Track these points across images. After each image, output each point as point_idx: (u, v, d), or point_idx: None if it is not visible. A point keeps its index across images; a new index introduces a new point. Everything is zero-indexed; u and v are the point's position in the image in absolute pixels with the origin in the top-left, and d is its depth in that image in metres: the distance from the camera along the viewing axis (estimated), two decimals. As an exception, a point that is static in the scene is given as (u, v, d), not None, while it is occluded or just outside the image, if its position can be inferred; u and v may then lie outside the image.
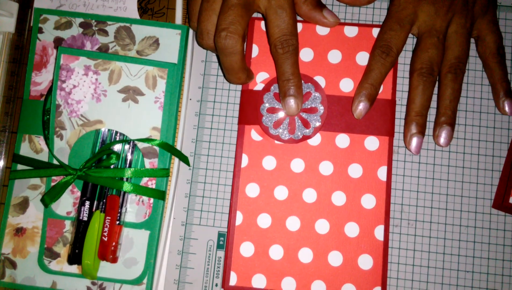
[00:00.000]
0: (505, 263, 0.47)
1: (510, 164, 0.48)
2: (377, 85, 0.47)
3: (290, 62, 0.46)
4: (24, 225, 0.49)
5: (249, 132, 0.49)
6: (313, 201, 0.48)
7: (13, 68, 0.52)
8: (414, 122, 0.47)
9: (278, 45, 0.45)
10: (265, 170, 0.48)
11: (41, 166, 0.49)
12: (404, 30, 0.47)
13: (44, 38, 0.51)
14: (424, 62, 0.47)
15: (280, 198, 0.48)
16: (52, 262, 0.48)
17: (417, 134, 0.47)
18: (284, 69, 0.46)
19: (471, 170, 0.49)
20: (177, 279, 0.48)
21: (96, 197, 0.48)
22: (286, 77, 0.46)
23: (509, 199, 0.47)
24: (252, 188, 0.48)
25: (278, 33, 0.45)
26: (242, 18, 0.44)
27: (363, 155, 0.48)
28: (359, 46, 0.49)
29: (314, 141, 0.48)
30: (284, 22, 0.45)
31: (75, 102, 0.50)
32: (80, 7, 0.52)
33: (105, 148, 0.48)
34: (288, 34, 0.45)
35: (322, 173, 0.48)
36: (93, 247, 0.46)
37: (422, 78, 0.47)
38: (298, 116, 0.48)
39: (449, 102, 0.47)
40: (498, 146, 0.49)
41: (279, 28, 0.45)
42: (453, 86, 0.47)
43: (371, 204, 0.47)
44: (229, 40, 0.44)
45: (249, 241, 0.48)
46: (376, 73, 0.47)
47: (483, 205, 0.48)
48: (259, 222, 0.48)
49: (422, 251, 0.48)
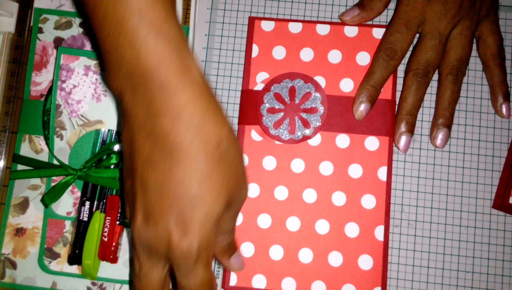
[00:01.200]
0: (505, 263, 0.47)
1: (510, 164, 0.48)
2: (378, 87, 0.47)
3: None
4: (24, 225, 0.49)
5: (249, 132, 0.49)
6: (313, 201, 0.48)
7: (13, 68, 0.52)
8: (404, 121, 0.47)
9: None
10: (265, 170, 0.48)
11: (41, 166, 0.49)
12: (411, 32, 0.47)
13: (44, 38, 0.51)
14: (421, 63, 0.47)
15: (280, 198, 0.48)
16: (52, 262, 0.48)
17: (406, 132, 0.47)
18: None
19: (471, 170, 0.49)
20: (177, 279, 0.48)
21: (96, 197, 0.48)
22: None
23: (509, 199, 0.47)
24: (252, 188, 0.48)
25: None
26: (153, 270, 0.37)
27: (363, 155, 0.48)
28: (359, 46, 0.49)
29: (314, 141, 0.48)
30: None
31: (75, 102, 0.50)
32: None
33: (105, 148, 0.48)
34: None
35: (322, 173, 0.48)
36: (93, 247, 0.46)
37: (416, 78, 0.47)
38: (298, 116, 0.48)
39: (448, 104, 0.47)
40: (498, 146, 0.49)
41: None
42: (453, 88, 0.47)
43: (371, 204, 0.47)
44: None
45: (249, 242, 0.48)
46: (378, 75, 0.47)
47: (483, 205, 0.48)
48: (259, 222, 0.48)
49: (422, 251, 0.48)
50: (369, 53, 0.49)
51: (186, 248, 0.35)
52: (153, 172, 0.35)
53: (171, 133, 0.34)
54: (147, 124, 0.35)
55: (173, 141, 0.34)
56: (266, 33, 0.50)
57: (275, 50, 0.50)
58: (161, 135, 0.35)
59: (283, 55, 0.49)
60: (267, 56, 0.50)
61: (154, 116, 0.35)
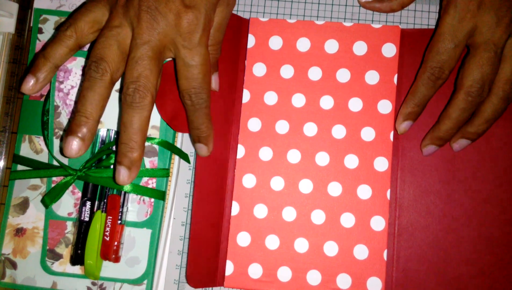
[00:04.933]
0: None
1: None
2: (422, 106, 0.46)
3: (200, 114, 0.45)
4: (24, 225, 0.49)
5: (245, 122, 0.49)
6: (309, 191, 0.48)
7: (13, 68, 0.52)
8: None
9: (186, 97, 0.43)
10: (261, 160, 0.49)
11: (41, 166, 0.49)
12: (459, 49, 0.43)
13: (44, 38, 0.51)
14: (476, 80, 0.42)
15: (277, 188, 0.48)
16: (55, 263, 0.48)
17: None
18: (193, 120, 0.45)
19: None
20: (177, 279, 0.49)
21: (97, 197, 0.48)
22: (195, 126, 0.45)
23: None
24: (249, 179, 0.49)
25: (186, 85, 0.43)
26: (151, 71, 0.41)
27: (360, 146, 0.48)
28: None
29: (310, 131, 0.49)
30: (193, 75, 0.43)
31: (74, 103, 0.50)
32: (80, 8, 0.52)
33: (105, 148, 0.48)
34: (197, 87, 0.43)
35: (318, 164, 0.48)
36: (95, 247, 0.46)
37: (468, 98, 0.43)
38: None
39: (485, 121, 0.45)
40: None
41: (187, 81, 0.43)
42: (500, 107, 0.44)
43: (367, 195, 0.48)
44: (137, 94, 0.40)
45: (245, 231, 0.48)
46: (424, 94, 0.45)
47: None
48: (256, 212, 0.48)
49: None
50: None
51: (192, 18, 0.41)
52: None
53: None
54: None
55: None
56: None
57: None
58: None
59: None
60: (265, 48, 0.50)
61: None
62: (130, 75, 0.41)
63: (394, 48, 0.49)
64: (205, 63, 0.42)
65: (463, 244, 0.47)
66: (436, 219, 0.48)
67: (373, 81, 0.49)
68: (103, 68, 0.41)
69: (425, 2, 0.52)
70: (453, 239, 0.47)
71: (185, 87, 0.43)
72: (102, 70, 0.41)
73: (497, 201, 0.47)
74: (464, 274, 0.47)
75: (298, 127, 0.49)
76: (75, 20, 0.43)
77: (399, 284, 0.47)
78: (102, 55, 0.41)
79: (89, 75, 0.41)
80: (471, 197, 0.48)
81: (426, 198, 0.48)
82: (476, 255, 0.47)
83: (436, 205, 0.48)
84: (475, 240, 0.47)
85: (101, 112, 0.41)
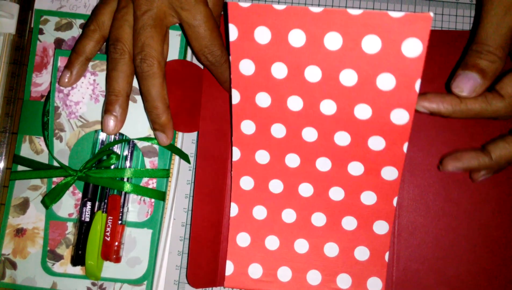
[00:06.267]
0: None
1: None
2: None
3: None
4: (24, 225, 0.49)
5: (238, 125, 0.47)
6: (309, 195, 0.48)
7: (13, 69, 0.52)
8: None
9: (202, 58, 0.45)
10: (259, 164, 0.48)
11: (41, 167, 0.49)
12: (505, 54, 0.41)
13: (45, 39, 0.51)
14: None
15: (275, 191, 0.48)
16: (55, 264, 0.48)
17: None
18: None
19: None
20: (177, 279, 0.49)
21: (97, 197, 0.48)
22: (224, 81, 0.47)
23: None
24: (247, 181, 0.48)
25: (198, 46, 0.44)
26: (153, 39, 0.43)
27: (366, 154, 0.46)
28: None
29: (310, 137, 0.46)
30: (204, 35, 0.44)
31: (74, 104, 0.50)
32: (81, 8, 0.52)
33: (105, 148, 0.48)
34: (208, 45, 0.44)
35: (319, 169, 0.47)
36: (96, 247, 0.46)
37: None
38: None
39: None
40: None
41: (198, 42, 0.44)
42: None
43: (371, 201, 0.47)
44: (144, 63, 0.43)
45: (245, 232, 0.48)
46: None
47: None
48: (255, 214, 0.48)
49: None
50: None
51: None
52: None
53: None
54: None
55: None
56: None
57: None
58: None
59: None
60: (249, 43, 0.44)
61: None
62: (135, 46, 0.44)
63: (419, 45, 0.38)
64: (208, 20, 0.43)
65: (463, 243, 0.48)
66: (436, 219, 0.48)
67: (387, 86, 0.40)
68: (120, 48, 0.44)
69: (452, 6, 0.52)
70: (453, 239, 0.48)
71: (198, 48, 0.44)
72: (120, 50, 0.44)
73: (496, 200, 0.48)
74: (463, 273, 0.47)
75: (296, 131, 0.45)
76: (95, 15, 0.47)
77: (399, 284, 0.47)
78: (117, 36, 0.45)
79: (110, 57, 0.45)
80: (470, 197, 0.48)
81: (426, 198, 0.48)
82: (475, 255, 0.47)
83: (436, 205, 0.48)
84: (474, 240, 0.47)
85: (129, 88, 0.46)
